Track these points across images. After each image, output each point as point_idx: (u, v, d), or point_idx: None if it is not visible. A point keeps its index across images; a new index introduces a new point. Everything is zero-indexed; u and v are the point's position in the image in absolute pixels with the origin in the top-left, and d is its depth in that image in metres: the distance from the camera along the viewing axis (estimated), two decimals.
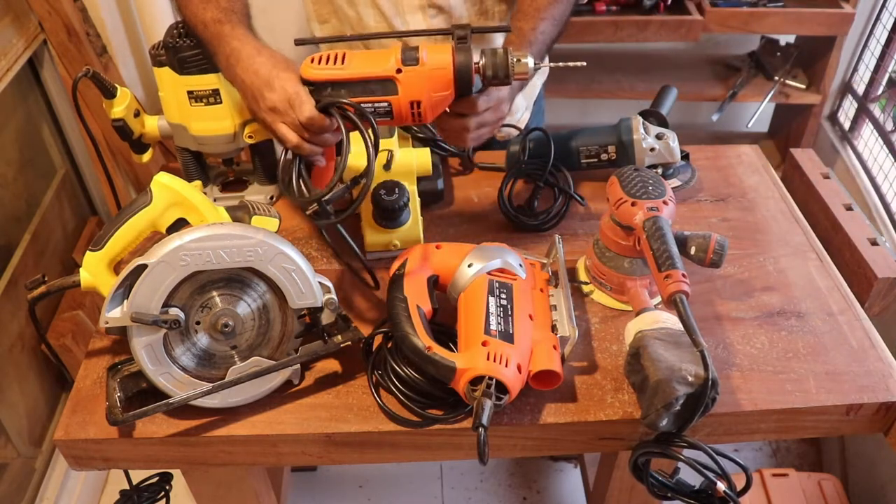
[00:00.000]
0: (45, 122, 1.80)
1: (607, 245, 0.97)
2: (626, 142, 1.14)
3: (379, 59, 0.87)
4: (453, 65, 0.86)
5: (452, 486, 1.82)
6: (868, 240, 1.08)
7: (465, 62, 0.86)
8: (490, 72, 0.88)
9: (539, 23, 1.07)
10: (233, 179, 1.20)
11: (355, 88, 0.87)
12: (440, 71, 0.86)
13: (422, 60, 0.86)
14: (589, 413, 0.86)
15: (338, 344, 0.88)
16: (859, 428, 0.90)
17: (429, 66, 0.86)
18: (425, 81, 0.86)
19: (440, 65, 0.86)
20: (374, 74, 0.87)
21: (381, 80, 0.87)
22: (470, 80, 0.87)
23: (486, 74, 0.88)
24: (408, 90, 0.87)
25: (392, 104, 0.87)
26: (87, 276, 0.90)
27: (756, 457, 1.89)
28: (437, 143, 1.21)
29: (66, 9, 1.64)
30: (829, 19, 1.97)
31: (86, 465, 0.89)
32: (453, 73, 0.86)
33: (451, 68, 0.86)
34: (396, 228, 1.07)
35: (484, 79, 0.89)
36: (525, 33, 1.07)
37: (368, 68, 0.87)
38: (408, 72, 0.86)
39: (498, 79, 0.88)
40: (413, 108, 0.88)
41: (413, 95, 0.87)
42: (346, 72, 0.87)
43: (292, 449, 0.88)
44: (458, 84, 0.87)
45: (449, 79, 0.87)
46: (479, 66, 0.88)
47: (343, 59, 0.87)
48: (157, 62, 1.02)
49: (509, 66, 0.87)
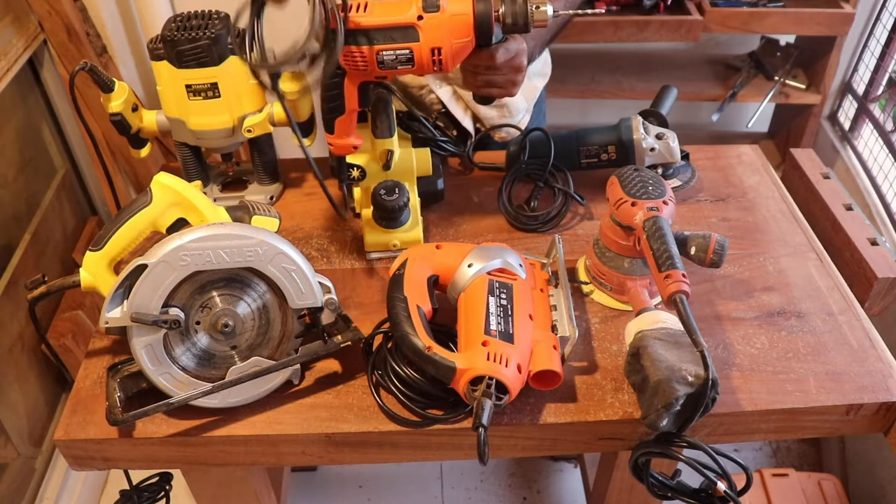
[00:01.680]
0: (45, 122, 1.80)
1: (607, 245, 0.97)
2: (626, 142, 1.14)
3: (400, 6, 0.88)
4: (473, 11, 0.87)
5: (452, 486, 1.82)
6: (868, 240, 1.07)
7: (484, 9, 0.87)
8: (510, 19, 0.88)
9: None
10: (233, 179, 1.20)
11: (377, 36, 0.88)
12: (460, 17, 0.87)
13: (442, 7, 0.87)
14: (589, 413, 0.86)
15: (338, 344, 0.88)
16: (859, 428, 0.90)
17: (449, 12, 0.87)
18: (446, 28, 0.87)
19: (460, 11, 0.87)
20: (396, 22, 0.87)
21: (403, 27, 0.87)
22: (490, 26, 0.88)
23: (506, 22, 0.89)
24: (429, 37, 0.87)
25: (413, 51, 0.88)
26: (87, 276, 0.90)
27: (756, 457, 1.89)
28: (437, 143, 1.21)
29: (66, 9, 1.64)
30: (829, 19, 1.96)
31: (86, 465, 0.89)
32: (473, 19, 0.87)
33: (472, 14, 0.87)
34: (396, 228, 1.07)
35: (504, 26, 0.89)
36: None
37: (390, 16, 0.87)
38: (429, 18, 0.87)
39: (517, 26, 0.89)
40: (434, 56, 0.89)
41: (434, 42, 0.88)
42: (368, 19, 0.87)
43: (292, 449, 0.88)
44: (477, 31, 0.88)
45: (469, 25, 0.87)
46: (499, 13, 0.88)
47: (366, 7, 0.88)
48: (156, 56, 1.02)
49: (528, 13, 0.88)
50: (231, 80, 1.02)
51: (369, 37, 0.88)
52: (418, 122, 1.18)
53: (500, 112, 1.31)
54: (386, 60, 0.89)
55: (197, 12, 1.01)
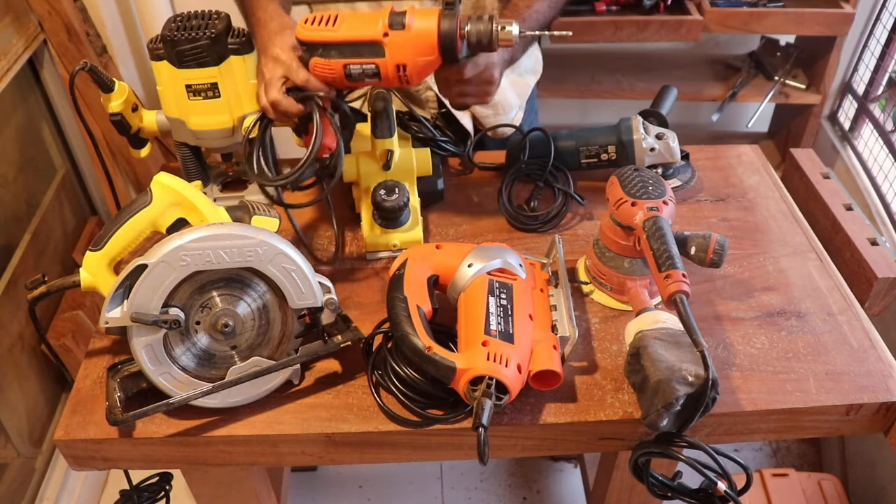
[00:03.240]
0: (45, 121, 1.80)
1: (607, 245, 0.97)
2: (626, 142, 1.14)
3: (368, 22, 0.89)
4: (438, 30, 0.88)
5: (452, 486, 1.82)
6: (868, 240, 1.07)
7: (449, 28, 0.88)
8: (474, 38, 0.89)
9: (535, 2, 1.08)
10: (233, 179, 1.20)
11: (345, 50, 0.90)
12: (425, 37, 0.88)
13: (408, 25, 0.88)
14: (589, 413, 0.86)
15: (338, 344, 0.88)
16: (859, 428, 0.90)
17: (414, 31, 0.88)
18: (410, 46, 0.88)
19: (425, 30, 0.88)
20: (363, 37, 0.89)
21: (369, 42, 0.89)
22: (454, 46, 0.88)
23: (471, 41, 0.89)
24: (394, 54, 0.89)
25: (379, 66, 0.90)
26: (87, 276, 0.90)
27: (756, 457, 1.89)
28: (437, 143, 1.21)
29: (66, 9, 1.64)
30: (829, 19, 1.96)
31: (86, 465, 0.89)
32: (437, 39, 0.88)
33: (436, 34, 0.88)
34: (396, 228, 1.07)
35: (469, 45, 0.90)
36: (520, 10, 1.08)
37: (357, 31, 0.89)
38: (394, 36, 0.88)
39: (482, 45, 0.89)
40: (399, 71, 0.90)
41: (398, 59, 0.89)
42: (337, 34, 0.89)
43: (292, 449, 0.88)
44: (442, 49, 0.89)
45: (433, 44, 0.88)
46: (465, 32, 0.89)
47: (335, 21, 0.90)
48: (156, 56, 1.02)
49: (493, 32, 0.88)
50: (231, 80, 1.02)
51: (338, 50, 0.90)
52: (418, 122, 1.18)
53: (493, 111, 1.32)
54: (353, 73, 0.91)
55: (197, 12, 1.01)
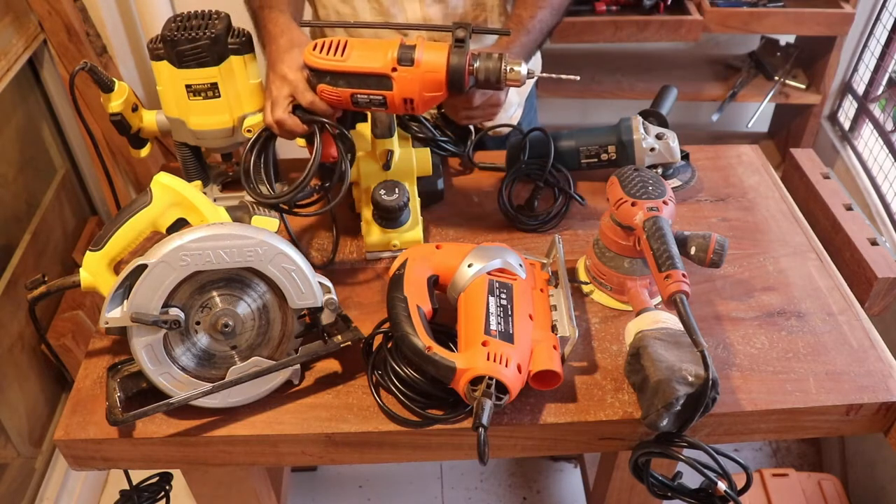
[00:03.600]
0: (45, 122, 1.80)
1: (607, 245, 0.97)
2: (626, 142, 1.14)
3: (377, 54, 0.89)
4: (447, 68, 0.88)
5: (452, 486, 1.82)
6: (868, 240, 1.07)
7: (458, 66, 0.88)
8: (482, 76, 0.89)
9: (538, 11, 1.09)
10: (233, 179, 1.20)
11: (353, 80, 0.90)
12: (433, 73, 0.88)
13: (417, 61, 0.88)
14: (589, 413, 0.86)
15: (338, 344, 0.88)
16: (859, 428, 0.90)
17: (423, 68, 0.88)
18: (418, 82, 0.89)
19: (434, 68, 0.88)
20: (371, 70, 0.89)
21: (378, 75, 0.89)
22: (462, 83, 0.89)
23: (479, 78, 0.90)
24: (402, 88, 0.89)
25: (386, 97, 0.90)
26: (87, 276, 0.90)
27: (756, 457, 1.89)
28: (437, 143, 1.21)
29: (66, 9, 1.64)
30: (829, 19, 1.96)
31: (86, 465, 0.89)
32: (446, 77, 0.88)
33: (445, 71, 0.88)
34: (396, 228, 1.07)
35: (476, 82, 0.90)
36: (524, 21, 1.08)
37: (366, 63, 0.89)
38: (402, 71, 0.88)
39: (490, 83, 0.90)
40: (406, 104, 0.91)
41: (406, 93, 0.89)
42: (345, 65, 0.89)
43: (292, 449, 0.88)
44: (450, 86, 0.89)
45: (441, 81, 0.89)
46: (473, 69, 0.89)
47: (344, 49, 0.90)
48: (156, 56, 1.02)
49: (502, 72, 0.89)
50: (231, 80, 1.02)
51: (346, 80, 0.90)
52: (418, 122, 1.18)
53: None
54: (360, 101, 0.92)
55: (197, 12, 1.01)
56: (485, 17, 1.26)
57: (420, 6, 1.21)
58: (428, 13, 1.22)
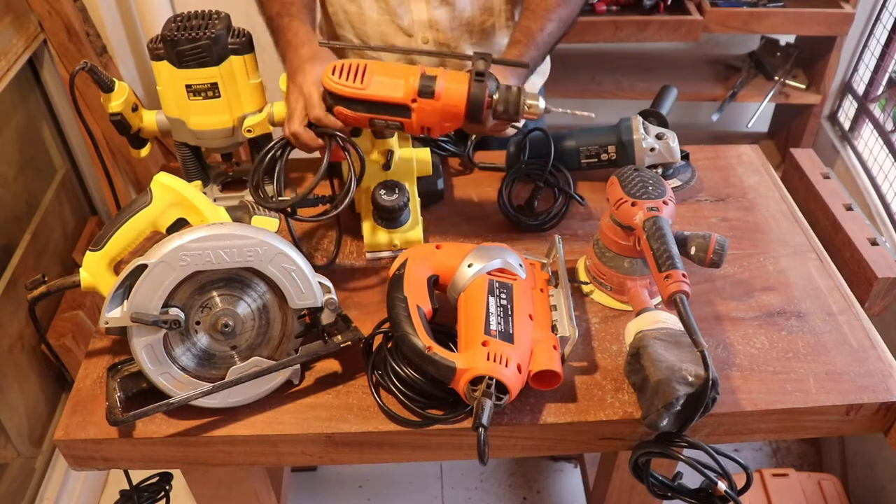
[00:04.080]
0: (45, 122, 1.80)
1: (607, 245, 0.97)
2: (626, 142, 1.14)
3: (397, 83, 0.90)
4: (467, 102, 0.89)
5: (452, 486, 1.82)
6: (868, 240, 1.07)
7: (478, 101, 0.89)
8: (501, 107, 0.91)
9: (547, 23, 1.08)
10: (233, 179, 1.20)
11: (371, 106, 0.91)
12: (453, 107, 0.89)
13: (438, 94, 0.89)
14: (589, 413, 0.86)
15: (338, 344, 0.88)
16: (859, 428, 0.90)
17: (443, 101, 0.89)
18: (438, 113, 0.90)
19: (454, 101, 0.89)
20: (391, 99, 0.90)
21: (397, 104, 0.90)
22: (481, 115, 0.90)
23: (497, 109, 0.91)
24: (420, 117, 0.91)
25: (404, 123, 0.92)
26: (87, 276, 0.90)
27: (756, 457, 1.89)
28: (437, 142, 1.21)
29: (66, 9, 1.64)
30: (829, 19, 1.96)
31: (86, 465, 0.89)
32: (465, 110, 0.90)
33: (465, 105, 0.89)
34: (396, 228, 1.07)
35: (494, 113, 0.92)
36: (533, 33, 1.07)
37: (386, 92, 0.90)
38: (423, 103, 0.89)
39: (508, 115, 0.91)
40: (423, 130, 0.92)
41: (424, 122, 0.91)
42: (365, 93, 0.90)
43: (292, 449, 0.88)
44: (468, 117, 0.91)
45: (460, 114, 0.90)
46: (493, 100, 0.90)
47: (363, 75, 0.90)
48: (156, 56, 1.02)
49: (521, 104, 0.90)
50: (231, 80, 1.02)
51: (365, 106, 0.91)
52: None
53: None
54: (377, 125, 0.93)
55: (197, 12, 1.01)
56: (492, 21, 1.26)
57: (426, 7, 1.21)
58: (434, 15, 1.21)
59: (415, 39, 1.24)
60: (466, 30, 1.25)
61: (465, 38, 1.26)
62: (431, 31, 1.23)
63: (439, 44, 1.25)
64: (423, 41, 1.24)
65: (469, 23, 1.24)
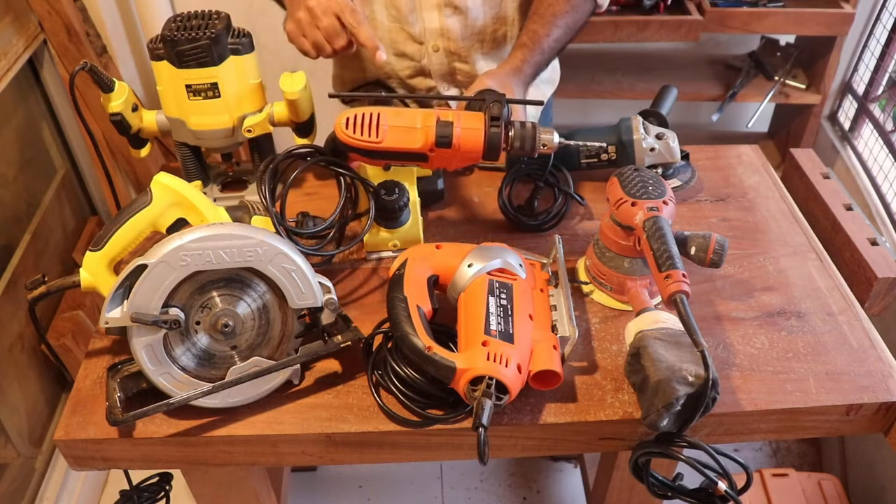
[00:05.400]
0: (45, 122, 1.81)
1: (607, 245, 0.97)
2: (626, 142, 1.14)
3: (413, 135, 0.91)
4: (483, 146, 0.91)
5: (452, 486, 1.82)
6: (868, 240, 1.08)
7: (494, 144, 0.91)
8: (517, 143, 0.92)
9: (553, 29, 1.08)
10: (233, 179, 1.20)
11: (388, 155, 0.94)
12: (469, 152, 0.91)
13: (455, 143, 0.90)
14: (589, 413, 0.86)
15: (338, 344, 0.88)
16: (859, 428, 0.90)
17: (462, 148, 0.91)
18: (455, 159, 0.93)
19: (471, 147, 0.91)
20: (408, 149, 0.92)
21: (414, 153, 0.92)
22: (497, 153, 0.92)
23: (514, 145, 0.93)
24: (438, 162, 0.94)
25: (421, 165, 0.96)
26: (87, 276, 0.90)
27: (756, 457, 1.89)
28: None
29: (66, 9, 1.65)
30: (829, 19, 1.96)
31: (86, 465, 0.89)
32: (482, 152, 0.92)
33: (482, 149, 0.91)
34: (396, 228, 1.07)
35: (510, 149, 0.93)
36: (539, 38, 1.08)
37: (402, 144, 0.92)
38: (440, 152, 0.92)
39: (524, 150, 0.93)
40: (440, 167, 0.98)
41: (441, 165, 0.95)
42: (380, 146, 0.92)
43: (292, 449, 0.88)
44: (484, 157, 0.93)
45: (477, 157, 0.92)
46: (509, 138, 0.92)
47: (377, 127, 0.91)
48: (156, 56, 1.02)
49: (536, 140, 0.92)
50: (231, 80, 1.02)
51: (381, 154, 0.93)
52: None
53: None
54: (392, 165, 0.99)
55: (197, 12, 1.01)
56: (504, 30, 1.26)
57: (439, 16, 1.21)
58: (446, 24, 1.21)
59: (425, 47, 1.24)
60: (478, 39, 1.25)
61: (477, 47, 1.26)
62: (443, 40, 1.23)
63: (450, 52, 1.25)
64: (433, 49, 1.24)
65: (481, 31, 1.24)
